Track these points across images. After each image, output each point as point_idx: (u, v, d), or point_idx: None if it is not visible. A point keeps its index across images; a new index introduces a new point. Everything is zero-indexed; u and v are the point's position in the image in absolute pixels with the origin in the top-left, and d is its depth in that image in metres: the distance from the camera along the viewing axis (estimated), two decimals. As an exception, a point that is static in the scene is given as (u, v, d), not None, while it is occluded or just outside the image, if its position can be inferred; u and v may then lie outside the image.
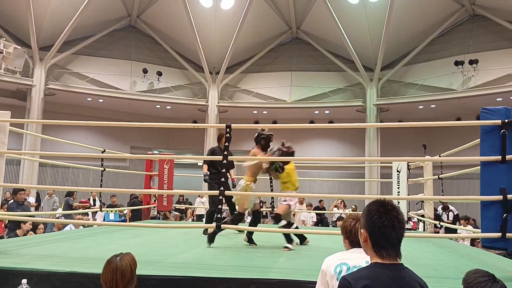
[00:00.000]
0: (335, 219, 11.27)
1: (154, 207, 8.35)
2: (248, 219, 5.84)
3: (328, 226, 11.43)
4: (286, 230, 4.56)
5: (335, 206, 11.20)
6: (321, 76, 18.54)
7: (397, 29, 16.37)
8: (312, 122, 18.47)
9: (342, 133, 18.63)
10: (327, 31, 17.76)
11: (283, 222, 4.92)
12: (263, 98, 18.57)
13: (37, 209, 11.63)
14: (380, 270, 1.68)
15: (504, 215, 3.27)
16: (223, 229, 4.44)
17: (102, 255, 3.45)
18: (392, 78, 17.82)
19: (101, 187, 7.18)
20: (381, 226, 1.69)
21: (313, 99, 18.00)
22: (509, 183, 3.36)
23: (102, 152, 6.87)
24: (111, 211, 9.19)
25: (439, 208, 10.43)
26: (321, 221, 11.62)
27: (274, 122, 18.87)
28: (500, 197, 3.30)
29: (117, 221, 8.33)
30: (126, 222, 8.84)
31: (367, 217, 1.75)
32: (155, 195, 8.11)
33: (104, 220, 8.72)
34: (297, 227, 5.08)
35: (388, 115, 17.78)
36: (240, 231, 5.19)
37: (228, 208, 5.85)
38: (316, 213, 11.41)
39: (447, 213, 10.60)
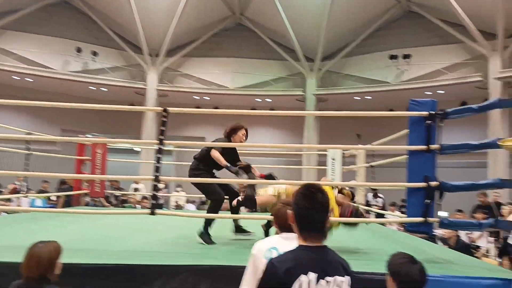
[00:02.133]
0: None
1: (86, 194, 7.97)
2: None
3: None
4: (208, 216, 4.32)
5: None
6: (263, 64, 18.63)
7: (337, 22, 16.79)
8: (253, 109, 18.52)
9: (282, 121, 18.91)
10: (270, 19, 17.82)
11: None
12: (205, 83, 18.34)
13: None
14: (304, 252, 1.73)
15: (427, 201, 3.48)
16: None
17: (26, 243, 3.23)
18: (331, 69, 18.33)
19: (27, 171, 6.71)
20: (303, 208, 1.75)
21: (255, 87, 18.07)
22: (433, 171, 3.57)
23: (27, 134, 6.41)
24: (38, 197, 8.66)
25: (370, 195, 10.97)
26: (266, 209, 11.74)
27: (216, 108, 18.72)
28: (424, 184, 3.50)
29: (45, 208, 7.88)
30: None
31: (294, 199, 1.81)
32: (86, 180, 7.75)
33: (30, 207, 8.19)
34: None
35: (327, 105, 18.30)
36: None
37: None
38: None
39: (376, 199, 11.18)
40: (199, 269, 3.03)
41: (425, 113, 3.61)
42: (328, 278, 1.70)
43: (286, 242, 2.16)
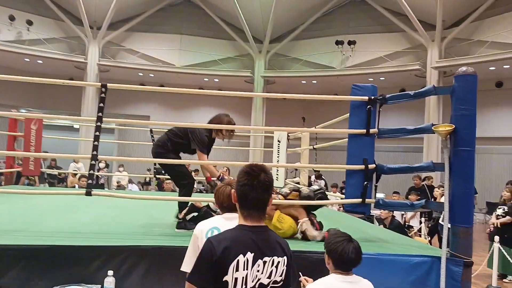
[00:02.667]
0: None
1: (18, 171, 7.51)
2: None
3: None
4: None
5: (223, 173, 11.36)
6: (211, 42, 18.33)
7: (286, 4, 16.81)
8: (201, 88, 18.27)
9: (230, 102, 18.80)
10: (220, -3, 17.49)
11: None
12: (150, 60, 17.75)
13: None
14: (243, 232, 1.72)
15: (365, 183, 3.61)
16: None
17: None
18: (279, 51, 18.41)
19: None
20: (243, 185, 1.75)
21: (203, 66, 17.79)
22: (371, 154, 3.71)
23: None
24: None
25: (313, 177, 11.28)
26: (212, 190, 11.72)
27: (161, 86, 18.24)
28: (362, 166, 3.62)
29: (-28, 187, 7.32)
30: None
31: (236, 178, 1.80)
32: (20, 158, 7.29)
33: (-45, 185, 7.60)
34: None
35: (274, 88, 18.44)
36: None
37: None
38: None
39: (319, 181, 11.52)
40: (138, 250, 2.95)
41: (365, 98, 3.71)
42: (265, 259, 1.71)
43: (228, 222, 2.16)
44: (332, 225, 4.78)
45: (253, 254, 1.68)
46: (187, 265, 2.17)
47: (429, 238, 8.14)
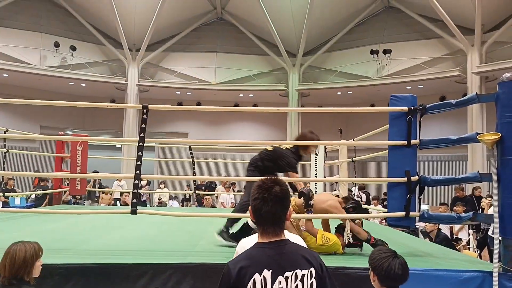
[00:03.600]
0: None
1: (66, 191, 7.84)
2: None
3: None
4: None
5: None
6: (245, 59, 18.57)
7: (319, 17, 16.83)
8: (236, 104, 18.52)
9: (265, 116, 18.93)
10: (252, 13, 17.74)
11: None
12: (187, 78, 18.19)
13: None
14: (258, 249, 1.68)
15: (408, 195, 3.52)
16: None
17: (2, 243, 3.15)
18: (313, 64, 18.39)
19: (4, 170, 6.56)
20: (253, 199, 1.70)
21: (238, 82, 18.02)
22: (413, 166, 3.61)
23: (5, 132, 6.25)
24: (16, 196, 8.47)
25: (355, 189, 11.10)
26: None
27: (198, 104, 18.61)
28: (405, 179, 3.53)
29: (23, 207, 7.70)
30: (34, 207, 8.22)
31: (251, 194, 1.74)
32: (67, 178, 7.61)
33: (9, 206, 8.01)
34: None
35: (309, 100, 18.39)
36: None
37: None
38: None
39: (362, 193, 11.32)
40: (183, 267, 3.00)
41: (405, 108, 3.64)
42: (287, 274, 1.64)
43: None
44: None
45: (270, 271, 1.62)
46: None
47: (479, 252, 7.78)
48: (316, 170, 7.36)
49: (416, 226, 6.25)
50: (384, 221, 7.34)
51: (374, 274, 2.19)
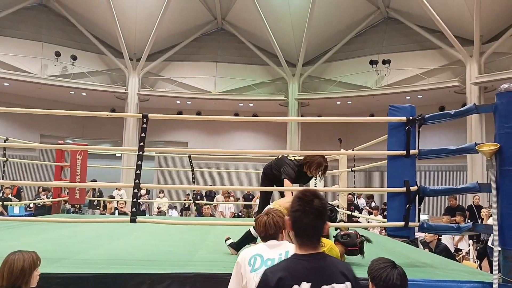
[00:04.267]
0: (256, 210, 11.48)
1: (65, 200, 7.82)
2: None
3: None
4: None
5: (258, 198, 11.44)
6: (245, 68, 18.66)
7: (318, 27, 16.95)
8: (236, 114, 18.56)
9: (265, 126, 18.96)
10: (252, 24, 17.88)
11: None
12: (187, 88, 18.25)
13: None
14: (297, 261, 1.70)
15: (407, 205, 3.52)
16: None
17: (0, 253, 3.14)
18: (312, 74, 18.48)
19: (3, 179, 6.55)
20: (298, 215, 1.71)
21: (238, 91, 18.09)
22: (412, 176, 3.61)
23: (5, 141, 6.26)
24: (16, 205, 8.45)
25: (355, 198, 11.11)
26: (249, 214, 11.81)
27: (198, 113, 18.66)
28: (404, 189, 3.53)
29: (22, 216, 7.68)
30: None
31: (290, 207, 1.76)
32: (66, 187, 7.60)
33: (8, 215, 7.99)
34: None
35: (309, 109, 18.44)
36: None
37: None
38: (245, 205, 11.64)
39: (370, 202, 11.34)
40: (181, 277, 2.99)
41: (403, 118, 3.65)
42: (324, 287, 1.66)
43: (270, 249, 2.17)
44: (374, 249, 4.66)
45: (309, 284, 1.64)
46: (231, 292, 2.19)
47: (479, 262, 7.74)
48: (315, 179, 7.36)
49: (416, 236, 6.23)
50: (384, 231, 7.31)
51: (372, 284, 2.18)
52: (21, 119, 16.76)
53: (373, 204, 11.31)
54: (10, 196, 9.39)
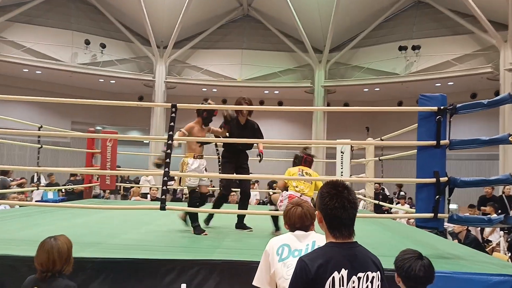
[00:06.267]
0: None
1: (96, 186, 8.06)
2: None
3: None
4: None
5: (277, 187, 11.55)
6: (271, 55, 18.54)
7: (345, 13, 16.62)
8: (262, 101, 18.53)
9: (291, 113, 18.86)
10: (278, 10, 17.68)
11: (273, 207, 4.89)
12: (213, 75, 18.32)
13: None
14: (334, 249, 1.73)
15: (437, 196, 3.47)
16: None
17: (37, 236, 3.27)
18: (339, 60, 18.19)
19: (38, 165, 6.81)
20: (333, 208, 1.73)
21: (263, 79, 18.02)
22: (442, 167, 3.56)
23: (39, 129, 6.48)
24: (50, 190, 8.77)
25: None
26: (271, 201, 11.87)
27: (224, 100, 18.71)
28: (434, 179, 3.48)
29: (56, 201, 7.97)
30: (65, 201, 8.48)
31: (320, 199, 1.79)
32: (97, 173, 7.83)
33: (42, 199, 8.30)
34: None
35: (335, 96, 18.22)
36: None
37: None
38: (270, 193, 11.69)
39: (398, 192, 11.21)
40: (210, 264, 3.05)
41: (434, 108, 3.58)
42: (359, 274, 1.70)
43: (299, 240, 2.19)
44: (402, 239, 4.63)
45: (347, 270, 1.68)
46: (258, 280, 2.23)
47: (510, 254, 7.56)
48: (342, 168, 7.32)
49: (445, 227, 6.13)
50: (412, 221, 7.23)
51: (398, 275, 2.21)
52: (53, 107, 17.24)
53: (401, 193, 11.17)
54: (55, 181, 9.68)
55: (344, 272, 1.68)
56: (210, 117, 4.58)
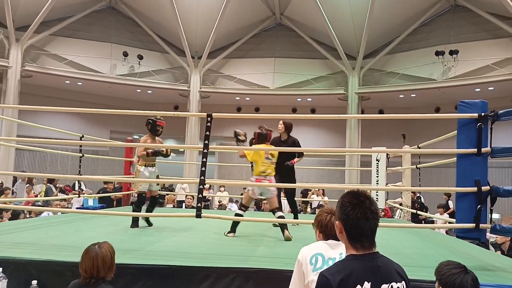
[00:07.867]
0: (315, 206, 11.41)
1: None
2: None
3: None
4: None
5: (313, 194, 11.49)
6: (304, 63, 18.51)
7: (379, 18, 16.41)
8: (294, 109, 18.52)
9: (324, 121, 18.77)
10: (311, 18, 17.67)
11: (279, 213, 4.89)
12: (246, 84, 18.48)
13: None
14: (355, 261, 1.69)
15: (478, 206, 3.35)
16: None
17: (80, 242, 3.41)
18: (374, 66, 17.92)
19: (79, 173, 7.07)
20: (355, 218, 1.70)
21: (296, 86, 18.00)
22: (484, 175, 3.43)
23: (81, 138, 6.74)
24: (90, 197, 9.06)
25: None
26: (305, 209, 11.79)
27: (257, 109, 18.85)
28: (475, 188, 3.37)
29: (96, 208, 8.23)
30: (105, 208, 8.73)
31: (341, 209, 1.75)
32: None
33: (82, 206, 8.60)
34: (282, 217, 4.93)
35: (370, 103, 17.94)
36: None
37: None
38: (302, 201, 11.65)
39: (447, 200, 10.81)
40: (245, 272, 3.07)
41: (475, 114, 3.47)
42: (383, 286, 1.66)
43: (332, 249, 2.17)
44: (441, 250, 4.49)
45: (370, 283, 1.64)
46: (292, 290, 2.22)
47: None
48: (377, 176, 7.19)
49: (487, 237, 5.90)
50: (452, 231, 7.00)
51: (441, 288, 2.12)
52: (93, 117, 17.92)
53: (449, 202, 10.74)
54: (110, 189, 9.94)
55: (367, 285, 1.63)
56: (155, 129, 5.74)
